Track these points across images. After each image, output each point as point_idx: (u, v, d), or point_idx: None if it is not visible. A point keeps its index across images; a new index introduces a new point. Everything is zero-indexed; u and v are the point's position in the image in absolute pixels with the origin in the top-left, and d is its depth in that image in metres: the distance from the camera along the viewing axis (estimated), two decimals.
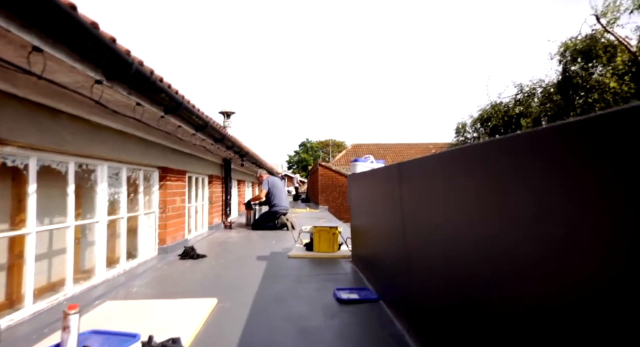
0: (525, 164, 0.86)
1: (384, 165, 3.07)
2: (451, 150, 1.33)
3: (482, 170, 1.09)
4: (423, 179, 1.61)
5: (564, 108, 7.69)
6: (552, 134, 0.78)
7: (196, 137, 4.01)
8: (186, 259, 3.68)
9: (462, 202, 1.20)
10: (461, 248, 1.22)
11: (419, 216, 1.67)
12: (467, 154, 1.21)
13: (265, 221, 6.73)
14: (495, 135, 9.50)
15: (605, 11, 8.09)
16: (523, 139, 0.89)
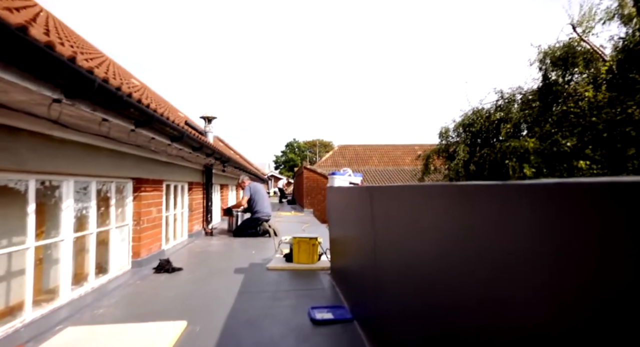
0: (482, 205, 0.86)
1: (359, 183, 3.06)
2: (415, 185, 1.31)
3: (444, 207, 1.07)
4: (391, 205, 1.59)
5: (543, 114, 7.88)
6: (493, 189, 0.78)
7: (172, 148, 3.91)
8: (161, 273, 3.58)
9: (427, 234, 1.19)
10: (425, 275, 1.20)
11: (387, 240, 1.66)
12: (429, 190, 1.20)
13: (247, 227, 6.65)
14: (477, 140, 9.66)
15: (581, 20, 8.33)
16: (474, 188, 0.89)
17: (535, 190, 0.68)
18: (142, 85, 9.75)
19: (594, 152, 5.68)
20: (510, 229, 0.74)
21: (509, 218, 0.75)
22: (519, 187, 0.73)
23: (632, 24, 7.20)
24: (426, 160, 10.73)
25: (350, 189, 2.47)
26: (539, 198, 0.67)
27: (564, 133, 6.09)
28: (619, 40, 7.32)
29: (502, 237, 0.78)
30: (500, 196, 0.81)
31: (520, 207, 0.72)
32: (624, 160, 5.42)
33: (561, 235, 0.61)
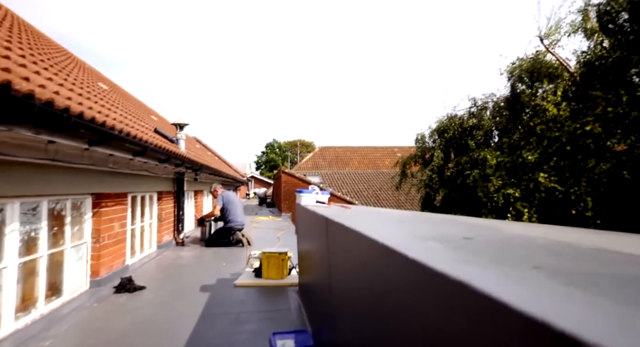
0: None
1: (326, 202, 3.03)
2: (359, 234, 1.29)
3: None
4: (341, 238, 1.57)
5: (512, 122, 8.13)
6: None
7: (136, 162, 3.76)
8: (122, 293, 3.43)
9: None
10: (371, 310, 1.18)
11: (340, 270, 1.64)
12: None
13: (220, 237, 6.51)
14: (451, 146, 9.85)
15: (547, 33, 8.65)
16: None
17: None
18: (113, 86, 9.38)
19: (558, 163, 5.91)
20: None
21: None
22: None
23: (594, 38, 7.54)
24: (403, 167, 10.87)
25: (312, 212, 2.44)
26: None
27: (530, 146, 6.31)
28: (582, 54, 7.66)
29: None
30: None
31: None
32: (584, 171, 5.67)
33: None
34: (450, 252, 0.92)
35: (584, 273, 0.71)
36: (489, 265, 0.74)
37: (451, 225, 1.98)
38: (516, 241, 1.35)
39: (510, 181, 6.14)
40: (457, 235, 1.36)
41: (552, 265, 0.76)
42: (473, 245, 1.09)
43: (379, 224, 1.68)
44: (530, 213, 5.74)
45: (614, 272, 0.72)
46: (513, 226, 2.15)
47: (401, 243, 1.03)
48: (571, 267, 0.77)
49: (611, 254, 1.01)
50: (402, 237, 1.18)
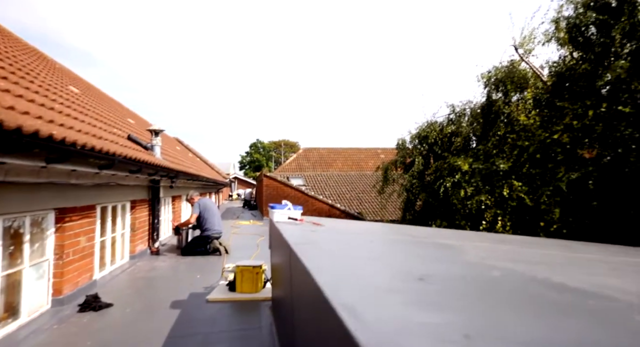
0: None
1: (298, 218, 3.00)
2: None
3: None
4: (300, 274, 1.54)
5: (488, 130, 8.31)
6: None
7: (103, 175, 3.62)
8: (86, 312, 3.30)
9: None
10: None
11: (299, 294, 1.61)
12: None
13: (197, 245, 6.39)
14: (432, 152, 9.98)
15: (522, 42, 8.90)
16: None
17: None
18: (87, 87, 9.04)
19: (529, 171, 6.08)
20: None
21: None
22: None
23: (565, 48, 7.80)
24: (385, 172, 10.96)
25: (279, 234, 2.41)
26: None
27: (504, 154, 6.47)
28: (553, 64, 7.91)
29: None
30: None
31: None
32: (555, 180, 5.85)
33: None
34: (394, 307, 0.90)
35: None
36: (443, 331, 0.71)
37: (413, 249, 1.98)
38: (471, 276, 1.36)
39: (485, 188, 6.28)
40: (411, 271, 1.36)
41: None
42: (425, 291, 1.08)
43: (335, 254, 1.66)
44: (504, 221, 5.90)
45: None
46: (472, 247, 2.17)
47: (333, 289, 1.01)
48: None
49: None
50: (345, 279, 1.15)
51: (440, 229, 3.90)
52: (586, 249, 3.11)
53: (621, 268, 2.09)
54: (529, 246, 2.82)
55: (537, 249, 2.65)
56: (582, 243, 3.73)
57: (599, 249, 3.15)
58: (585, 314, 0.96)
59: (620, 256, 2.88)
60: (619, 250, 3.32)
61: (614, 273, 1.88)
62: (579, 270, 1.90)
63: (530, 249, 2.62)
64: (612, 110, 5.73)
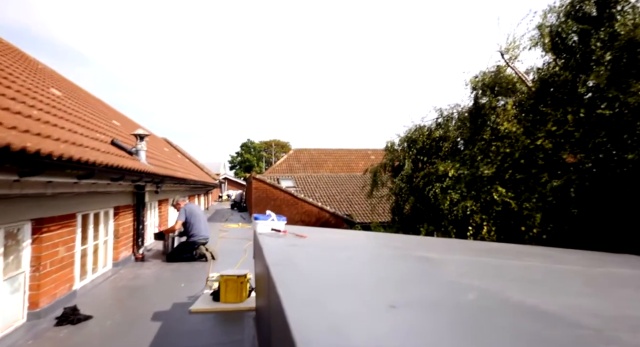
0: None
1: (281, 230, 2.98)
2: None
3: None
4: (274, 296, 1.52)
5: (475, 134, 8.41)
6: None
7: (82, 184, 3.54)
8: (64, 325, 3.21)
9: None
10: None
11: (275, 311, 1.60)
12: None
13: (183, 251, 6.30)
14: (420, 156, 10.05)
15: (507, 48, 9.04)
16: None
17: None
18: (71, 89, 8.83)
19: (513, 176, 6.17)
20: None
21: None
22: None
23: (549, 55, 7.94)
24: (374, 175, 11.00)
25: (260, 249, 2.38)
26: None
27: (489, 159, 6.55)
28: (537, 71, 8.06)
29: None
30: None
31: None
32: (538, 186, 5.95)
33: None
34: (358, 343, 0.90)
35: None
36: None
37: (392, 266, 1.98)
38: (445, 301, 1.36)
39: (470, 194, 6.35)
40: (385, 296, 1.35)
41: None
42: (393, 322, 1.07)
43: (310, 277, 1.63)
44: (489, 226, 5.98)
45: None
46: (452, 261, 2.16)
47: (299, 325, 1.00)
48: None
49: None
50: (314, 310, 1.14)
51: (426, 237, 3.93)
52: (566, 258, 3.17)
53: (597, 282, 2.13)
54: (509, 257, 2.85)
55: (517, 261, 2.68)
56: (563, 251, 3.80)
57: (579, 258, 3.21)
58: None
59: (598, 265, 2.94)
60: (597, 258, 3.39)
61: (588, 290, 1.91)
62: (555, 286, 1.93)
63: (509, 260, 2.65)
64: (592, 116, 5.86)
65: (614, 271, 2.60)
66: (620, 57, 5.65)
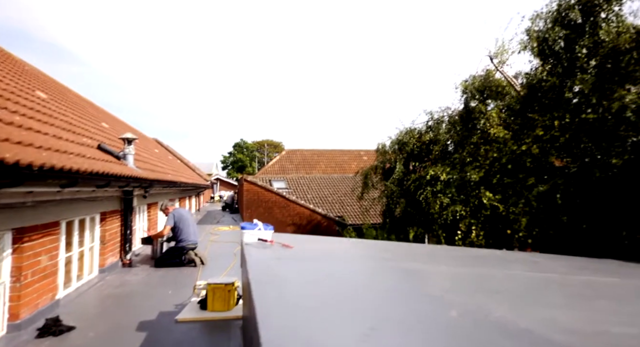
0: None
1: (268, 240, 2.97)
2: None
3: None
4: None
5: (465, 138, 8.48)
6: None
7: (66, 192, 3.47)
8: (45, 337, 3.15)
9: None
10: None
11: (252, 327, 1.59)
12: None
13: (171, 257, 6.23)
14: (411, 159, 10.10)
15: (497, 53, 9.16)
16: None
17: None
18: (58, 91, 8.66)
19: (501, 181, 6.25)
20: None
21: None
22: None
23: (537, 60, 8.05)
24: (365, 177, 11.02)
25: (245, 263, 2.37)
26: None
27: (478, 162, 6.62)
28: (525, 76, 8.17)
29: None
30: None
31: None
32: (525, 190, 6.03)
33: None
34: None
35: None
36: None
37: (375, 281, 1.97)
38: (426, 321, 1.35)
39: (460, 198, 6.41)
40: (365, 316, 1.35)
41: None
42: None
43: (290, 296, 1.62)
44: (477, 230, 6.04)
45: None
46: (437, 272, 2.15)
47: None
48: None
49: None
50: (288, 337, 1.13)
51: (413, 245, 3.94)
52: (550, 265, 3.20)
53: (577, 294, 2.16)
54: (493, 266, 2.88)
55: (501, 269, 2.71)
56: (547, 257, 3.85)
57: (561, 265, 3.25)
58: None
59: (580, 272, 2.98)
60: (579, 265, 3.44)
61: (569, 302, 1.94)
62: (536, 299, 1.95)
63: (494, 269, 2.67)
64: (577, 121, 5.96)
65: (595, 280, 2.64)
66: (604, 64, 5.76)
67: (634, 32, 5.79)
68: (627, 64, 5.59)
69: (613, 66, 5.67)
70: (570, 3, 6.34)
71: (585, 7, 6.06)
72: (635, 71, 5.59)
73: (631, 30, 5.81)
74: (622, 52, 5.64)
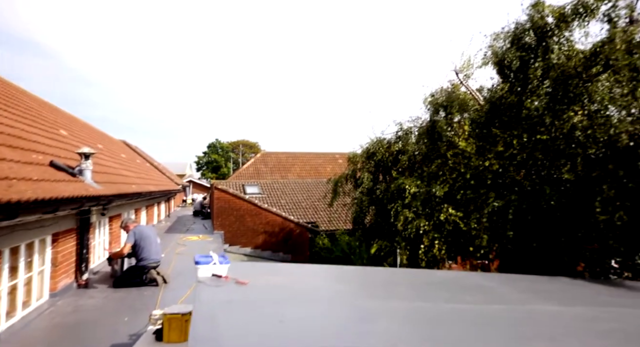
0: None
1: (223, 276, 2.91)
2: None
3: None
4: None
5: (432, 151, 8.70)
6: None
7: (3, 224, 3.24)
8: None
9: None
10: None
11: None
12: None
13: (132, 276, 5.99)
14: (380, 169, 10.25)
15: (461, 68, 9.48)
16: None
17: None
18: (7, 94, 8.07)
19: (464, 196, 6.46)
20: None
21: None
22: None
23: (498, 76, 8.38)
24: (335, 185, 11.09)
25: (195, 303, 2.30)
26: None
27: (444, 176, 6.82)
28: (488, 91, 8.50)
29: None
30: None
31: None
32: (486, 205, 6.27)
33: None
34: None
35: None
36: None
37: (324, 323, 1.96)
38: None
39: (425, 212, 6.58)
40: None
41: None
42: None
43: None
44: (440, 244, 6.22)
45: None
46: (390, 310, 2.13)
47: None
48: None
49: None
50: None
51: (373, 271, 3.98)
52: (500, 292, 3.30)
53: (518, 335, 2.24)
54: (444, 297, 2.96)
55: (451, 304, 2.77)
56: (502, 279, 3.99)
57: (512, 291, 3.37)
58: None
59: (528, 301, 3.11)
60: (530, 288, 3.60)
61: (508, 344, 2.02)
62: (476, 342, 2.02)
63: (443, 304, 2.73)
64: (533, 140, 6.27)
65: (539, 310, 2.77)
66: (555, 86, 6.09)
67: (582, 57, 6.15)
68: (575, 87, 5.94)
69: (563, 89, 6.01)
70: (526, 27, 6.65)
71: (538, 31, 6.37)
72: (582, 94, 5.95)
73: (579, 55, 6.17)
74: (571, 76, 5.99)
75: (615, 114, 5.74)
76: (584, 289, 4.04)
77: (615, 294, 3.81)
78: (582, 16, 5.98)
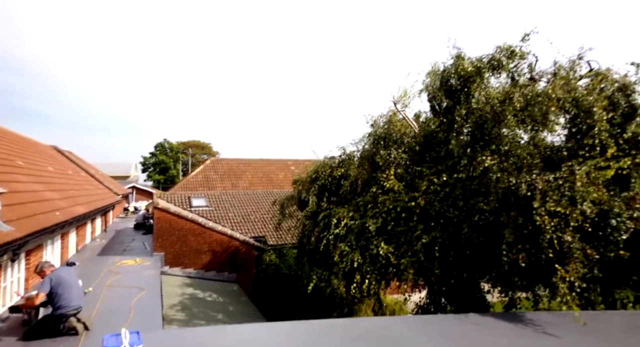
0: None
1: None
2: None
3: None
4: None
5: (368, 183, 9.00)
6: None
7: None
8: None
9: None
10: None
11: None
12: None
13: (47, 326, 5.47)
14: (324, 193, 10.48)
15: (399, 98, 10.03)
16: None
17: None
18: None
19: (394, 230, 6.86)
20: None
21: None
22: None
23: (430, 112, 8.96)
24: (282, 207, 11.12)
25: None
26: None
27: (377, 209, 7.17)
28: (422, 122, 9.09)
29: None
30: None
31: None
32: (415, 238, 6.71)
33: None
34: None
35: None
36: None
37: None
38: None
39: (360, 243, 6.87)
40: None
41: None
42: None
43: None
44: (371, 278, 6.54)
45: None
46: None
47: None
48: None
49: None
50: None
51: (311, 323, 4.09)
52: (411, 341, 3.62)
53: None
54: None
55: None
56: (418, 321, 4.34)
57: (424, 337, 3.69)
58: None
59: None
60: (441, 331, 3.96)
61: None
62: None
63: None
64: (454, 177, 6.84)
65: None
66: (474, 129, 6.70)
67: (497, 102, 6.84)
68: (490, 131, 6.60)
69: (480, 132, 6.63)
70: (451, 71, 7.24)
71: (460, 79, 6.98)
72: (496, 137, 6.62)
73: (495, 101, 6.85)
74: (487, 120, 6.63)
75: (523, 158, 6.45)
76: (486, 329, 4.51)
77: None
78: (495, 69, 6.66)
